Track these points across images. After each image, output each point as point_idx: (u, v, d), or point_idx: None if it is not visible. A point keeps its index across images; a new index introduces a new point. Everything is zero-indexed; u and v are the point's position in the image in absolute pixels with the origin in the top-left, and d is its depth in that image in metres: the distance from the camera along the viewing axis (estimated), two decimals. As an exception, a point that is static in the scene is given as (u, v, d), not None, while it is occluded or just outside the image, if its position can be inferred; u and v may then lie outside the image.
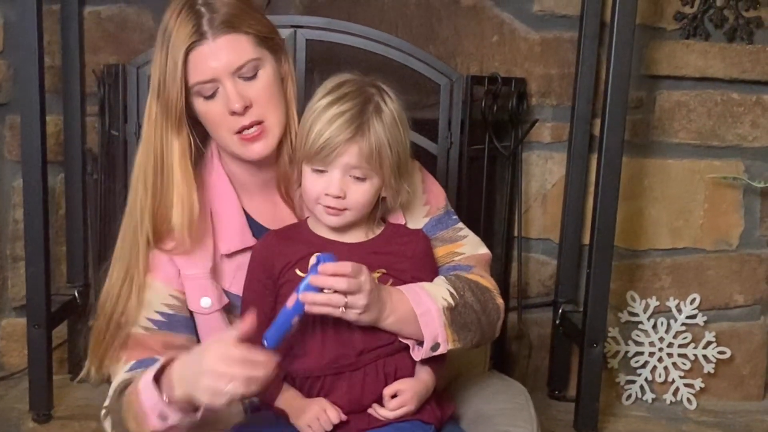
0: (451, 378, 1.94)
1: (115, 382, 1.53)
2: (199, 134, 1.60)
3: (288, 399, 1.50)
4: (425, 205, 1.67)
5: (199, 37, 1.49)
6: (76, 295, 2.49)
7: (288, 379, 1.52)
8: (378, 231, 1.58)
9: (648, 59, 2.56)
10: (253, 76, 1.53)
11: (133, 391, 1.42)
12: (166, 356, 1.40)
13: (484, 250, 1.70)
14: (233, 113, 1.52)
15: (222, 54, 1.50)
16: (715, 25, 2.56)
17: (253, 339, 1.33)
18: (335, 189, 1.48)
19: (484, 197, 2.44)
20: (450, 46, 2.54)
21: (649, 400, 2.69)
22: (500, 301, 1.61)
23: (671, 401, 2.70)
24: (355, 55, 2.29)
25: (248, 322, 1.31)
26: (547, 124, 2.61)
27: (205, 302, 1.57)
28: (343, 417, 1.47)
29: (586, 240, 2.47)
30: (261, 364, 1.29)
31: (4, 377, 2.59)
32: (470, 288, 1.56)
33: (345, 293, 1.39)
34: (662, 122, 2.62)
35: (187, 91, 1.52)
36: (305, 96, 1.59)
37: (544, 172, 2.64)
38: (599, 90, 2.47)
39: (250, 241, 1.61)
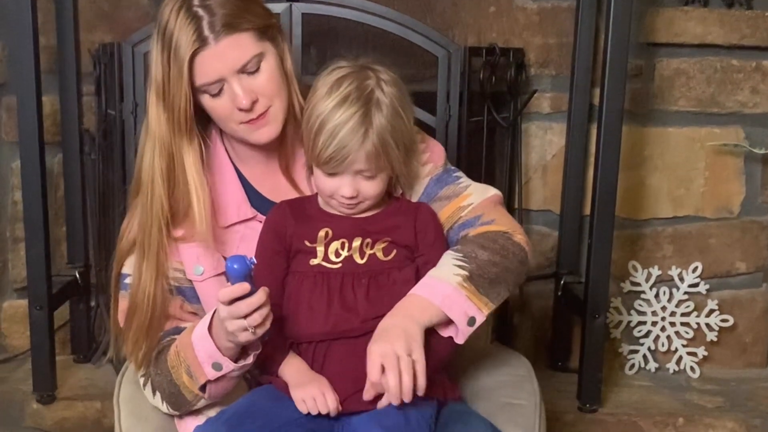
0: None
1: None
2: (201, 121, 1.63)
3: (292, 370, 1.53)
4: (425, 165, 1.69)
5: (201, 43, 1.51)
6: (77, 275, 2.49)
7: (293, 346, 1.55)
8: (383, 205, 1.61)
9: (646, 27, 2.55)
10: (257, 70, 1.56)
11: (184, 347, 1.54)
12: (210, 312, 1.51)
13: (491, 192, 1.70)
14: (241, 110, 1.55)
15: (226, 56, 1.53)
16: (714, -9, 2.55)
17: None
18: (348, 191, 1.53)
19: (484, 169, 2.43)
20: (447, 18, 2.52)
21: (652, 370, 2.70)
22: (520, 237, 1.61)
23: (674, 370, 2.70)
24: (351, 29, 2.28)
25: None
26: (546, 94, 2.59)
27: (197, 270, 1.63)
28: (339, 407, 1.48)
29: (587, 211, 2.46)
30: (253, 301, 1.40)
31: (7, 359, 2.60)
32: (479, 245, 1.56)
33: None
34: (662, 90, 2.60)
35: (193, 90, 1.55)
36: (303, 71, 1.60)
37: (543, 143, 2.63)
38: (598, 59, 2.45)
39: (248, 213, 1.66)
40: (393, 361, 1.41)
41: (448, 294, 1.50)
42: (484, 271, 1.53)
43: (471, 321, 1.52)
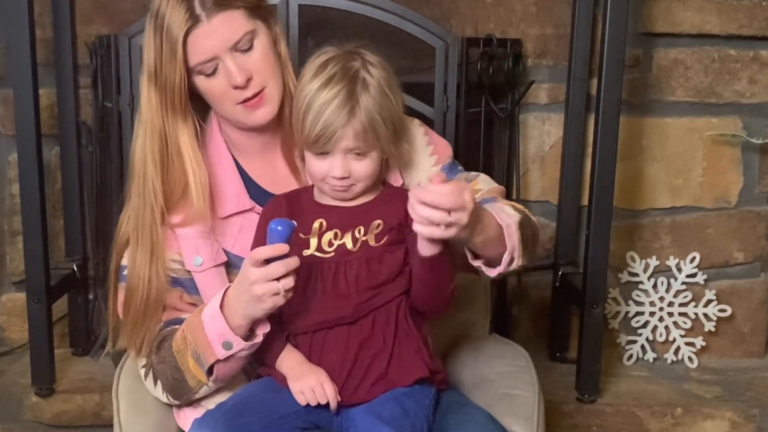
0: (451, 342, 1.94)
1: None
2: (198, 107, 1.64)
3: (290, 362, 1.54)
4: (431, 156, 1.71)
5: (194, 21, 1.52)
6: (75, 268, 2.49)
7: (289, 338, 1.56)
8: (377, 193, 1.62)
9: (644, 17, 2.54)
10: (250, 48, 1.58)
11: (192, 328, 1.54)
12: (221, 291, 1.52)
13: (497, 185, 1.72)
14: (236, 87, 1.56)
15: (218, 33, 1.54)
16: (711, -19, 2.55)
17: None
18: (339, 171, 1.52)
19: (482, 160, 2.43)
20: (444, 8, 2.52)
21: (651, 360, 2.70)
22: (535, 220, 1.63)
23: (672, 360, 2.70)
24: (348, 20, 2.27)
25: None
26: (544, 85, 2.59)
27: (196, 261, 1.63)
28: (339, 398, 1.49)
29: (585, 201, 2.46)
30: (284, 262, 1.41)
31: (6, 352, 2.60)
32: (513, 207, 1.58)
33: (449, 211, 1.36)
34: (659, 80, 2.60)
35: (188, 72, 1.56)
36: (300, 62, 1.61)
37: (541, 134, 2.63)
38: (595, 49, 2.45)
39: (246, 204, 1.67)
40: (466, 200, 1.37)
41: (509, 224, 1.50)
42: (528, 227, 1.55)
43: (511, 260, 1.51)
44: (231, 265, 1.65)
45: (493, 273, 1.53)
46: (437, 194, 1.35)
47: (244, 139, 1.69)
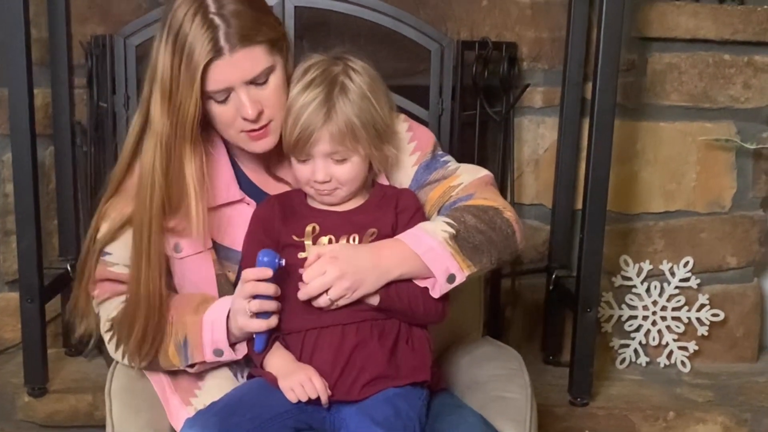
0: (444, 345, 1.94)
1: (114, 311, 1.66)
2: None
3: (279, 362, 1.54)
4: (413, 154, 1.70)
5: (216, 53, 1.51)
6: (69, 268, 2.48)
7: (279, 338, 1.56)
8: (368, 196, 1.63)
9: (639, 21, 2.55)
10: (265, 82, 1.57)
11: (187, 324, 1.59)
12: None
13: (483, 172, 1.70)
14: (245, 119, 1.56)
15: (238, 66, 1.54)
16: (706, -14, 2.55)
17: None
18: (320, 175, 1.55)
19: (477, 163, 2.42)
20: (440, 11, 2.52)
21: (643, 364, 2.70)
22: (509, 214, 1.61)
23: (665, 364, 2.71)
24: (344, 22, 2.27)
25: None
26: (539, 88, 2.59)
27: (177, 248, 1.64)
28: (329, 392, 1.49)
29: (579, 205, 2.47)
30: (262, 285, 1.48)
31: (-1, 352, 2.60)
32: (469, 212, 1.58)
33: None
34: (654, 85, 2.61)
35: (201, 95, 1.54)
36: (295, 64, 1.62)
37: (536, 137, 2.63)
38: (590, 53, 2.46)
39: (236, 195, 1.67)
40: (335, 274, 1.47)
41: (432, 247, 1.51)
42: (470, 235, 1.54)
43: (451, 278, 1.53)
44: (220, 257, 1.66)
45: (435, 294, 1.54)
46: (308, 287, 1.48)
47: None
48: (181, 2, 1.53)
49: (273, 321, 1.51)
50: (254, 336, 1.53)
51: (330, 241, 1.56)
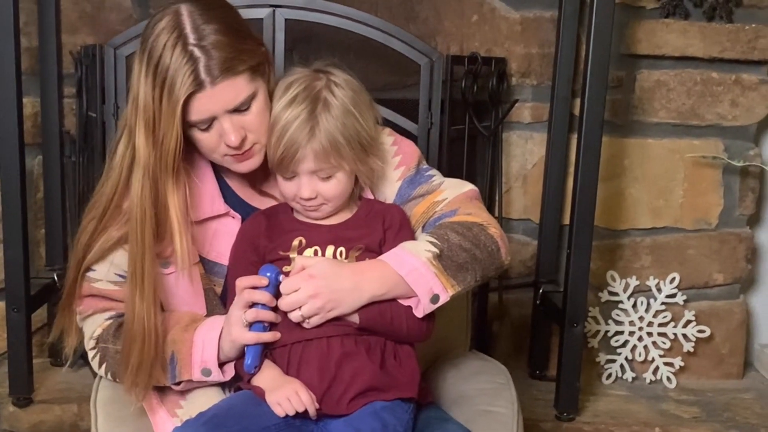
0: (431, 358, 1.94)
1: (98, 328, 1.64)
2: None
3: (266, 377, 1.53)
4: (397, 169, 1.70)
5: (197, 87, 1.50)
6: (56, 278, 2.47)
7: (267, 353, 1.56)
8: (355, 209, 1.63)
9: (628, 38, 2.56)
10: (248, 108, 1.56)
11: (176, 342, 1.57)
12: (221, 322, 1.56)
13: (467, 187, 1.70)
14: (228, 146, 1.56)
15: (220, 98, 1.52)
16: (695, 4, 2.56)
17: None
18: (306, 192, 1.55)
19: (465, 178, 2.42)
20: (430, 26, 2.53)
21: (629, 380, 2.71)
22: (494, 231, 1.60)
23: (651, 380, 2.71)
24: (334, 35, 2.28)
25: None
26: (527, 104, 2.60)
27: (164, 264, 1.62)
28: (316, 405, 1.49)
29: (567, 220, 2.47)
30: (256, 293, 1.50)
31: (-16, 361, 2.58)
32: (453, 230, 1.57)
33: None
34: (642, 102, 2.62)
35: (182, 123, 1.53)
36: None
37: (524, 153, 2.64)
38: (579, 69, 2.47)
39: (221, 208, 1.66)
40: (309, 292, 1.47)
41: (416, 267, 1.51)
42: (454, 254, 1.54)
43: (434, 298, 1.52)
44: (206, 270, 1.65)
45: (419, 314, 1.53)
46: (281, 301, 1.49)
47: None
48: (162, 29, 1.51)
49: (268, 335, 1.50)
50: (246, 350, 1.51)
51: (315, 254, 1.56)
